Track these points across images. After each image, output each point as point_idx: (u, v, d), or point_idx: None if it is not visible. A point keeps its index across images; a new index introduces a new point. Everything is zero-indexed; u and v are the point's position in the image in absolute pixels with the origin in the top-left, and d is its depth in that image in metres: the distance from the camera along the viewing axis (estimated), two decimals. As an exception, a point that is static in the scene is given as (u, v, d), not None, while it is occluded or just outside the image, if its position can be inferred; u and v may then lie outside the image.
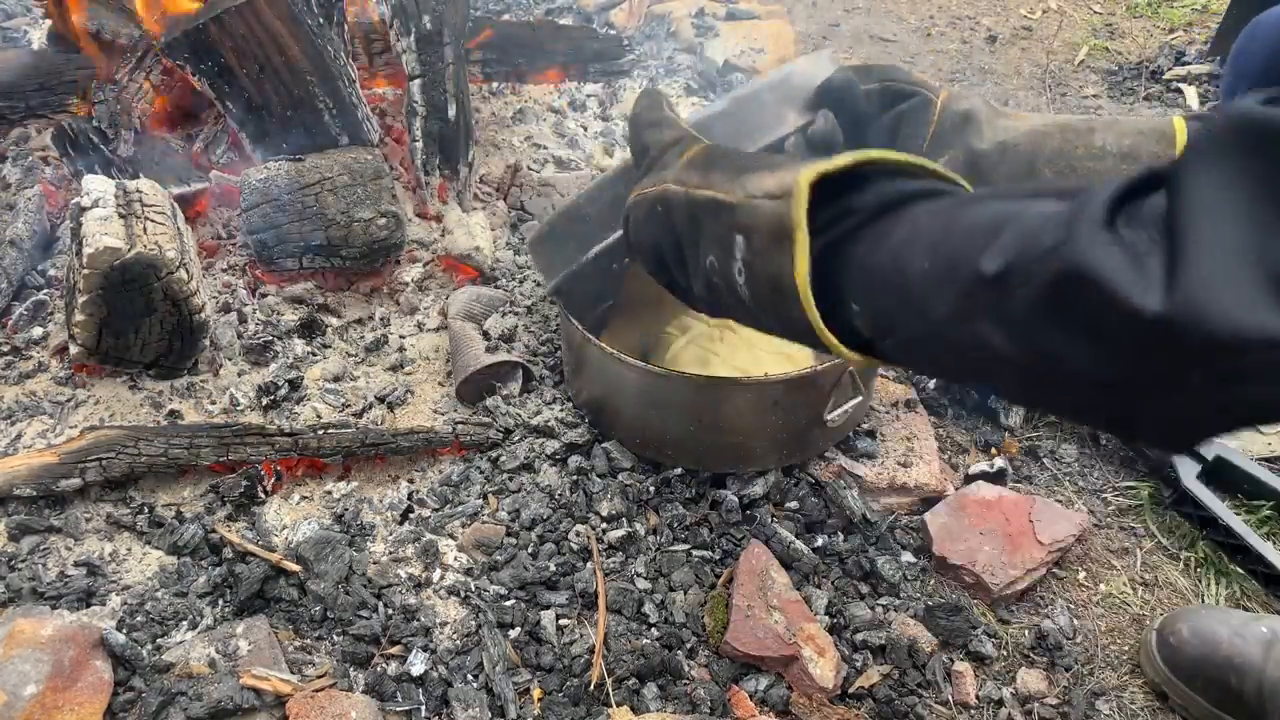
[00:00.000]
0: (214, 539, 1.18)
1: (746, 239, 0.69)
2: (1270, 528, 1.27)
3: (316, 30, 1.54)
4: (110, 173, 1.53)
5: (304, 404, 1.37)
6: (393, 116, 1.84)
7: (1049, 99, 2.44)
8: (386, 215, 1.51)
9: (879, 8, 2.93)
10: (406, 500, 1.26)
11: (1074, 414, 0.57)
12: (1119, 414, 0.51)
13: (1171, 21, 2.82)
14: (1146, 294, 0.44)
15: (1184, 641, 1.08)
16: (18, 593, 1.10)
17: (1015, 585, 1.19)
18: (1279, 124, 0.43)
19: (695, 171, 0.78)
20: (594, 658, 1.07)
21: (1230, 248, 0.43)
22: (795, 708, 1.06)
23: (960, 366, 0.60)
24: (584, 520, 1.22)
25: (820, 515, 1.26)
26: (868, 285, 0.64)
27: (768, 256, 0.67)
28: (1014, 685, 1.12)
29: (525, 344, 1.47)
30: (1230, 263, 0.43)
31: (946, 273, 0.56)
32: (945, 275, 0.56)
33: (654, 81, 2.36)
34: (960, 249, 0.56)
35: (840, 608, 1.16)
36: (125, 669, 1.03)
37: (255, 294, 1.52)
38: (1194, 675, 1.06)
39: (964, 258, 0.55)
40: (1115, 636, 1.18)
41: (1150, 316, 0.44)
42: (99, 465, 1.20)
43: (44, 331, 1.44)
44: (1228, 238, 0.43)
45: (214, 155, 1.66)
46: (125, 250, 1.23)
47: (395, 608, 1.12)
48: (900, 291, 0.60)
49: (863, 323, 0.65)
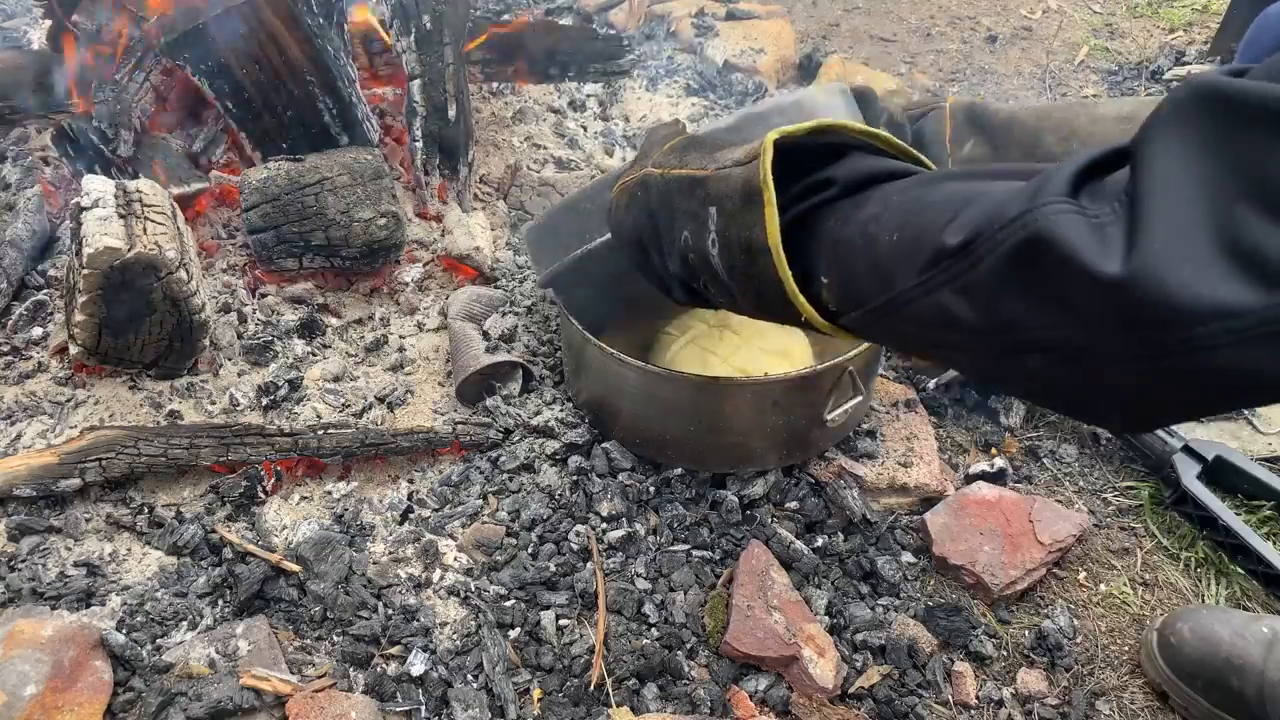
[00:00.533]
0: (214, 539, 1.18)
1: (719, 208, 0.71)
2: (1270, 528, 1.27)
3: (316, 30, 1.54)
4: (110, 173, 1.53)
5: (304, 404, 1.37)
6: (393, 116, 1.84)
7: (1049, 99, 2.44)
8: (386, 215, 1.50)
9: (879, 8, 2.93)
10: (406, 500, 1.26)
11: (1032, 392, 0.57)
12: (1077, 389, 0.51)
13: (1171, 21, 2.82)
14: (1105, 259, 0.44)
15: (1185, 642, 1.08)
16: (17, 593, 1.10)
17: (1015, 585, 1.19)
18: (1239, 92, 0.43)
19: (673, 155, 0.80)
20: (594, 658, 1.07)
21: (1189, 216, 0.43)
22: (795, 708, 1.06)
23: (921, 338, 0.61)
24: (584, 520, 1.22)
25: (820, 515, 1.26)
26: (836, 257, 0.65)
27: (739, 219, 0.68)
28: (1014, 685, 1.12)
29: (525, 344, 1.46)
30: (1189, 231, 0.43)
31: (912, 245, 0.58)
32: (910, 247, 0.58)
33: (654, 82, 2.36)
34: (926, 224, 0.57)
35: (840, 608, 1.16)
36: (125, 669, 1.03)
37: (255, 294, 1.52)
38: (1195, 676, 1.06)
39: (929, 231, 0.56)
40: (1115, 637, 1.18)
41: (1108, 280, 0.44)
42: (99, 465, 1.20)
43: (44, 332, 1.44)
44: (1186, 206, 0.43)
45: (214, 155, 1.66)
46: (125, 250, 1.23)
47: (395, 608, 1.12)
48: (868, 263, 0.62)
49: (830, 295, 0.67)
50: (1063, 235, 0.46)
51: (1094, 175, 0.50)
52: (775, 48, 2.49)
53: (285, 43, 1.51)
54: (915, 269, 0.57)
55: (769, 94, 2.34)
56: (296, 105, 1.55)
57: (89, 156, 1.56)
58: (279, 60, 1.51)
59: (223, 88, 1.53)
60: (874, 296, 0.61)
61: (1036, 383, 0.54)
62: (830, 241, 0.66)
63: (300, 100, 1.55)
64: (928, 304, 0.56)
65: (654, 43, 2.56)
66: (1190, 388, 0.45)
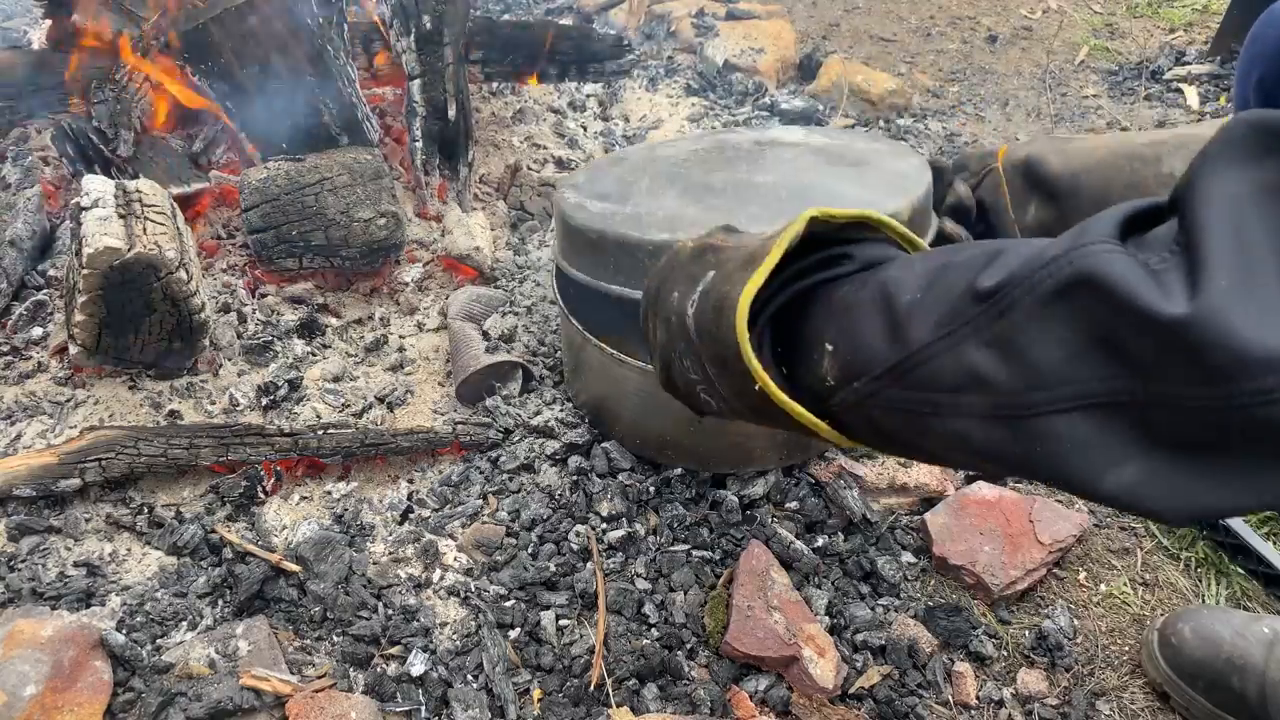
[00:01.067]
0: (214, 539, 1.18)
1: (719, 270, 0.65)
2: (1270, 528, 1.27)
3: (316, 30, 1.54)
4: (110, 173, 1.53)
5: (304, 404, 1.37)
6: (393, 116, 1.84)
7: (1049, 99, 2.44)
8: (386, 215, 1.50)
9: (879, 8, 2.93)
10: (406, 500, 1.26)
11: (1053, 469, 0.48)
12: (1110, 459, 0.45)
13: (1171, 21, 2.82)
14: (1164, 300, 0.41)
15: (1186, 642, 1.08)
16: (17, 593, 1.10)
17: (1015, 585, 1.19)
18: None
19: (717, 232, 0.74)
20: (594, 658, 1.07)
21: (1254, 255, 0.40)
22: (795, 708, 1.06)
23: (919, 419, 0.54)
24: (584, 520, 1.22)
25: (820, 515, 1.26)
26: (848, 320, 0.59)
27: (732, 277, 0.62)
28: (1014, 686, 1.12)
29: (525, 344, 1.46)
30: (1255, 271, 0.39)
31: (937, 297, 0.52)
32: (935, 299, 0.53)
33: (654, 82, 2.36)
34: (955, 277, 0.52)
35: (840, 608, 1.16)
36: (125, 669, 1.03)
37: (255, 294, 1.52)
38: (1196, 676, 1.06)
39: (958, 282, 0.51)
40: (1116, 637, 1.18)
41: (1169, 321, 0.40)
42: (99, 466, 1.20)
43: (44, 332, 1.44)
44: (1251, 245, 0.40)
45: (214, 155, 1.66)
46: (125, 250, 1.23)
47: (395, 608, 1.12)
48: (883, 323, 0.56)
49: (831, 364, 0.60)
50: (1114, 274, 0.43)
51: (1136, 228, 0.46)
52: (775, 48, 2.49)
53: (285, 43, 1.51)
54: (937, 321, 0.51)
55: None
56: (296, 105, 1.55)
57: (89, 157, 1.56)
58: (279, 60, 1.51)
59: (223, 88, 1.53)
60: (884, 360, 0.55)
61: (1059, 456, 0.47)
62: (842, 306, 0.60)
63: (300, 100, 1.55)
64: (947, 362, 0.50)
65: (654, 43, 2.57)
66: (1258, 444, 0.40)
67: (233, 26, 1.48)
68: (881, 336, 0.55)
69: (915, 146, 2.20)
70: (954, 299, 0.51)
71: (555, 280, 1.30)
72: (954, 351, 0.50)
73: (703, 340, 0.65)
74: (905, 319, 0.54)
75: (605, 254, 1.13)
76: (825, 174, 1.22)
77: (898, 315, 0.54)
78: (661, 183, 1.23)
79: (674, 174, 1.25)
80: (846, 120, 2.28)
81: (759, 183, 1.20)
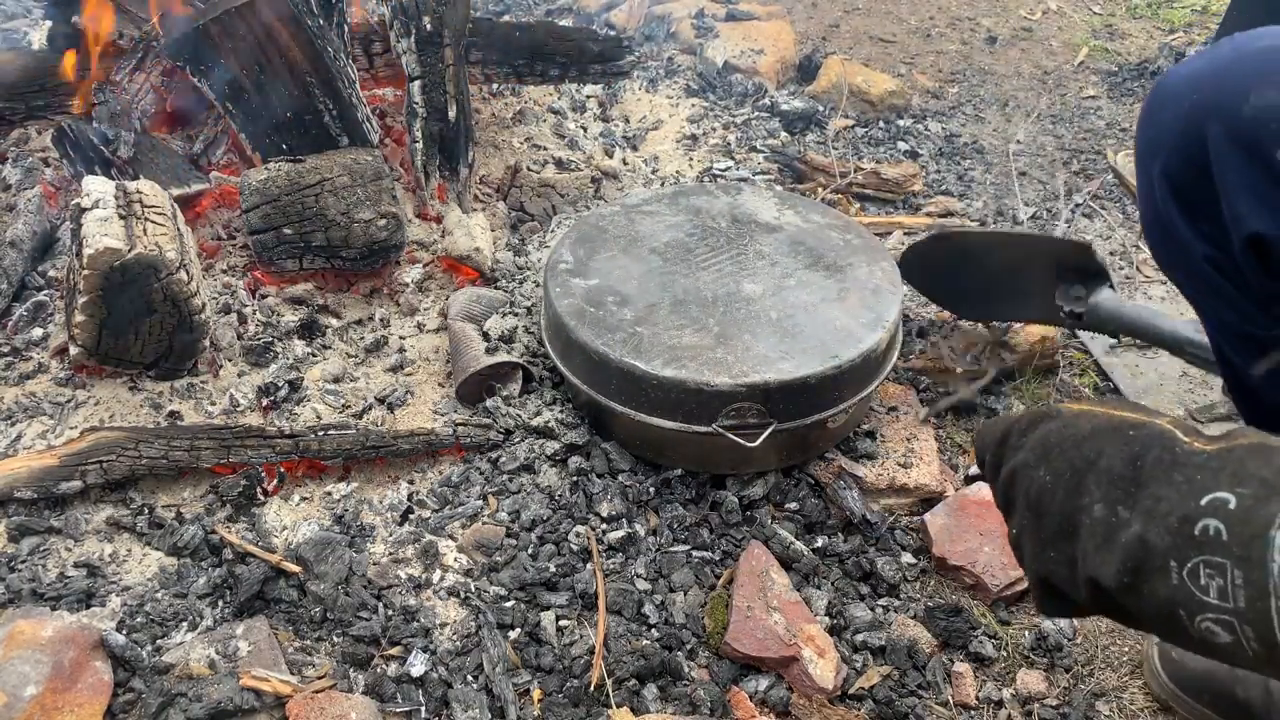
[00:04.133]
0: (214, 540, 1.18)
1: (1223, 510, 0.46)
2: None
3: (316, 30, 1.54)
4: (110, 174, 1.53)
5: (304, 405, 1.37)
6: (393, 117, 1.84)
7: (1049, 100, 2.44)
8: (386, 216, 1.51)
9: (879, 8, 2.93)
10: (406, 501, 1.26)
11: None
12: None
13: (1171, 22, 2.82)
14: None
15: (1187, 655, 1.07)
16: (18, 594, 1.10)
17: (1015, 586, 1.19)
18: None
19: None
20: (594, 659, 1.07)
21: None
22: (795, 709, 1.06)
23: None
24: (584, 521, 1.22)
25: (820, 516, 1.26)
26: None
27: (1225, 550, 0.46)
28: (1014, 686, 1.12)
29: (525, 345, 1.47)
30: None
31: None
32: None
33: (654, 83, 2.36)
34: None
35: (840, 608, 1.16)
36: (125, 670, 1.03)
37: (255, 295, 1.52)
38: (1201, 690, 1.05)
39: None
40: (1115, 637, 1.18)
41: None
42: (100, 468, 1.20)
43: (44, 332, 1.44)
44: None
45: (214, 156, 1.66)
46: (125, 251, 1.23)
47: (395, 609, 1.12)
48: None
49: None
50: None
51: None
52: (775, 48, 2.49)
53: (285, 43, 1.51)
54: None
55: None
56: (296, 105, 1.56)
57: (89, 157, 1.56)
58: (279, 60, 1.51)
59: (222, 88, 1.53)
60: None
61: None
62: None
63: (300, 100, 1.55)
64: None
65: (654, 44, 2.57)
66: None
67: (233, 27, 1.48)
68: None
69: (915, 147, 2.20)
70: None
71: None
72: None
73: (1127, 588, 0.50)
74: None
75: (608, 376, 1.23)
76: (808, 287, 1.33)
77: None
78: (652, 286, 1.33)
79: (663, 274, 1.35)
80: (846, 121, 2.28)
81: (747, 295, 1.31)
